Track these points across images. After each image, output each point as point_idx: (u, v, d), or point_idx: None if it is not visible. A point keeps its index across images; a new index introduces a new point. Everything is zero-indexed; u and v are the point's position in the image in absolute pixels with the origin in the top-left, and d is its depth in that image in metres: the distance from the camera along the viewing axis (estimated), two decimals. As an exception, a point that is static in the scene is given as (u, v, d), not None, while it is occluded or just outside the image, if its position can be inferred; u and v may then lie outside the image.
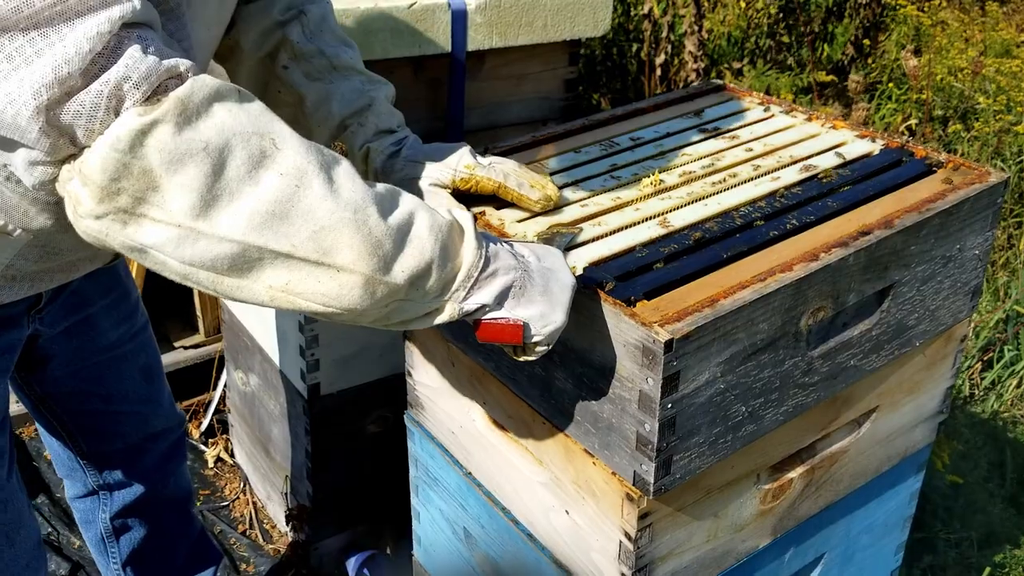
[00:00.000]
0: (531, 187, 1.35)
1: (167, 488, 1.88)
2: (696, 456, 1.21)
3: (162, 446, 1.82)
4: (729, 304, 1.14)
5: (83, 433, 1.72)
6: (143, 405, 1.75)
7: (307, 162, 0.96)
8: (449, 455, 1.60)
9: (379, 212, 1.00)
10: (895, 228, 1.29)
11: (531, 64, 2.14)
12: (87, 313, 1.57)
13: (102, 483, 1.79)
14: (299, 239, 0.96)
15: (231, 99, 0.95)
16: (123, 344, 1.66)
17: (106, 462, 1.76)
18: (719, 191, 1.42)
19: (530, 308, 1.09)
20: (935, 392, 1.58)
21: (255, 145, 0.94)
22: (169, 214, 0.92)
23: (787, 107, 1.70)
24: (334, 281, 0.98)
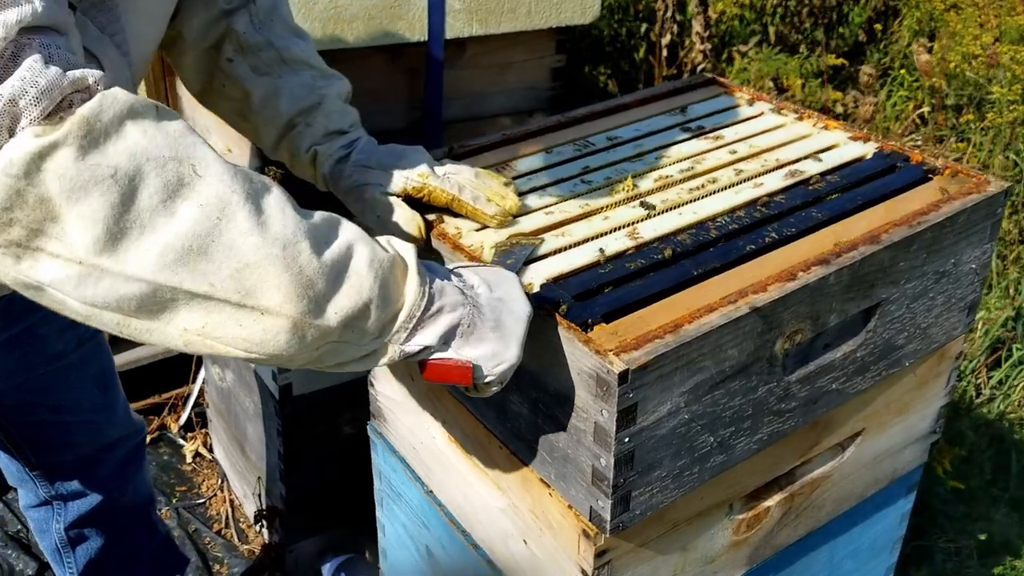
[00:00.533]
0: (488, 200, 1.25)
1: (125, 496, 1.80)
2: (658, 491, 1.12)
3: (118, 454, 1.74)
4: (694, 330, 1.04)
5: (30, 444, 1.63)
6: (96, 414, 1.67)
7: (231, 191, 0.86)
8: (411, 471, 1.52)
9: (312, 247, 0.89)
10: (882, 244, 1.19)
11: (515, 52, 2.04)
12: (27, 323, 1.48)
13: (54, 493, 1.72)
14: (219, 278, 0.85)
15: (147, 117, 0.84)
16: (70, 353, 1.57)
17: (57, 473, 1.69)
18: (696, 198, 1.32)
19: (480, 347, 1.00)
20: (926, 412, 1.48)
21: (172, 172, 0.83)
22: (70, 249, 0.82)
23: (777, 104, 1.60)
24: (258, 325, 0.88)
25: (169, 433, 2.74)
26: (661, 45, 4.63)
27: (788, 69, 4.02)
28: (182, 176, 0.84)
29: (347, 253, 0.93)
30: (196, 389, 2.73)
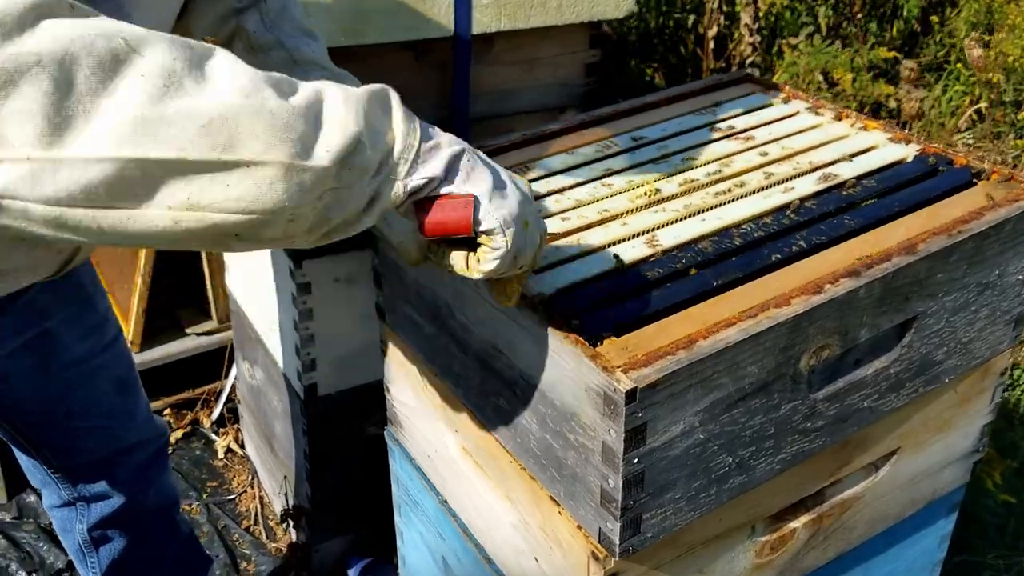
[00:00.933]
0: None
1: (148, 499, 1.79)
2: (672, 513, 1.06)
3: (137, 459, 1.73)
4: (709, 346, 0.98)
5: (48, 448, 1.63)
6: (112, 420, 1.65)
7: (172, 58, 0.78)
8: (426, 479, 1.48)
9: (277, 94, 0.82)
10: (918, 254, 1.12)
11: (545, 47, 1.98)
12: (44, 327, 1.46)
13: (77, 495, 1.71)
14: (186, 139, 0.77)
15: (61, 14, 0.76)
16: (93, 358, 1.57)
17: (77, 475, 1.68)
18: (721, 203, 1.25)
19: (482, 182, 0.92)
20: (969, 430, 1.40)
21: (102, 48, 0.76)
22: (11, 149, 0.75)
23: (815, 103, 1.52)
24: (247, 179, 0.80)
25: (202, 428, 2.74)
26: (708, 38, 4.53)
27: (838, 63, 3.89)
28: (116, 51, 0.77)
29: (317, 95, 0.85)
30: (228, 384, 2.73)
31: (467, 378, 1.23)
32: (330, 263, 1.90)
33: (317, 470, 2.15)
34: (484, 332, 1.15)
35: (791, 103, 1.53)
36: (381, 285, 1.39)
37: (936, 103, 3.82)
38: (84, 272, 1.55)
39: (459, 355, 1.22)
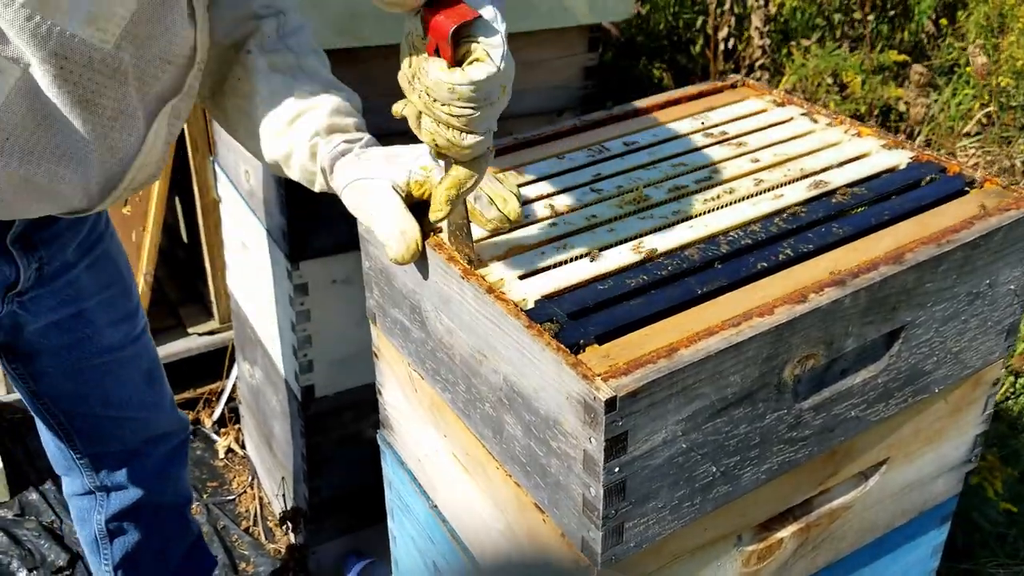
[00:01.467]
0: (489, 203, 1.20)
1: (165, 494, 1.82)
2: (655, 522, 1.06)
3: (162, 450, 1.76)
4: (690, 355, 0.98)
5: (80, 434, 1.68)
6: (145, 410, 1.70)
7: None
8: (417, 484, 1.48)
9: None
10: (906, 264, 1.11)
11: (543, 51, 1.98)
12: (81, 307, 1.52)
13: (99, 484, 1.75)
14: None
15: None
16: (125, 347, 1.61)
17: (103, 463, 1.73)
18: (710, 210, 1.25)
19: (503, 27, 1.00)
20: (960, 441, 1.39)
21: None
22: None
23: (809, 109, 1.51)
24: None
25: (203, 428, 2.76)
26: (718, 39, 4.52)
27: (847, 65, 3.87)
28: None
29: None
30: (230, 384, 2.74)
31: (454, 383, 1.23)
32: (327, 264, 1.91)
33: (314, 472, 2.16)
34: (470, 337, 1.15)
35: (785, 108, 1.52)
36: (372, 289, 1.39)
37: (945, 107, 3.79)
38: (120, 258, 1.59)
39: (446, 360, 1.22)
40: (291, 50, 1.34)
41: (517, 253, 1.18)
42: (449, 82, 0.99)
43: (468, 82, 0.99)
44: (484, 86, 0.99)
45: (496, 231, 1.19)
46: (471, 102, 1.00)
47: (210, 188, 2.53)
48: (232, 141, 1.96)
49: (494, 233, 1.20)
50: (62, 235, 1.43)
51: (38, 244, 1.39)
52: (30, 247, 1.38)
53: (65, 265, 1.47)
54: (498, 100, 1.03)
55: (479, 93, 1.00)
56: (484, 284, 1.11)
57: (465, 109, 1.01)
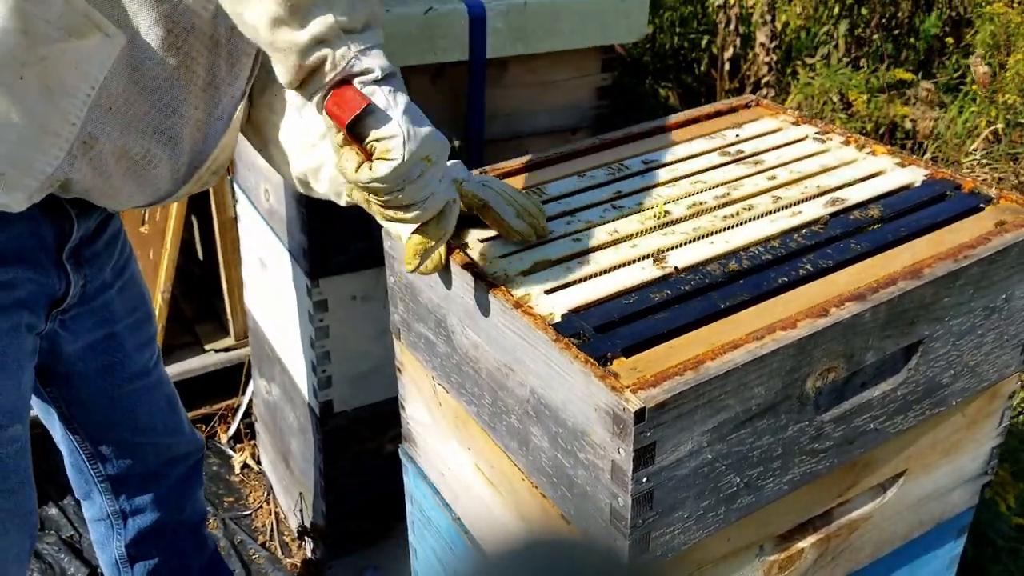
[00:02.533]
0: (517, 216, 1.23)
1: (183, 514, 1.85)
2: (680, 532, 1.08)
3: (180, 470, 1.79)
4: (716, 367, 1.00)
5: (103, 458, 1.70)
6: (168, 435, 1.73)
7: None
8: (439, 497, 1.50)
9: None
10: (923, 279, 1.13)
11: (559, 71, 2.02)
12: (113, 330, 1.55)
13: (117, 509, 1.77)
14: None
15: None
16: (150, 372, 1.65)
17: (124, 487, 1.75)
18: (730, 226, 1.28)
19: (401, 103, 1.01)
20: (977, 453, 1.41)
21: None
22: None
23: (823, 128, 1.54)
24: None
25: (219, 443, 2.78)
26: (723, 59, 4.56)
27: (852, 84, 3.91)
28: None
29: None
30: (246, 400, 2.77)
31: (480, 396, 1.25)
32: (346, 281, 1.94)
33: (331, 487, 2.18)
34: (496, 351, 1.17)
35: (800, 127, 1.55)
36: (396, 304, 1.41)
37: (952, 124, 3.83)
38: (142, 283, 1.63)
39: (472, 374, 1.25)
40: None
41: (542, 268, 1.21)
42: (360, 182, 1.02)
43: (375, 179, 1.01)
44: (392, 178, 1.01)
45: (524, 243, 1.22)
46: (390, 192, 1.03)
47: (228, 206, 2.56)
48: (253, 160, 2.00)
49: (522, 246, 1.23)
50: (101, 254, 1.46)
51: (84, 262, 1.42)
52: (80, 263, 1.41)
53: (104, 285, 1.50)
54: (426, 170, 1.04)
55: (393, 183, 1.02)
56: (511, 299, 1.13)
57: (389, 197, 1.03)
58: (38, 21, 1.11)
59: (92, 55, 1.16)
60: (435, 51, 1.82)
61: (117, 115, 1.22)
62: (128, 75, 1.20)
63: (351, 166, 1.03)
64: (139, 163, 1.27)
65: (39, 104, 1.15)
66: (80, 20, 1.13)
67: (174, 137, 1.28)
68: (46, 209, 1.29)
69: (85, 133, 1.20)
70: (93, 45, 1.15)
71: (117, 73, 1.19)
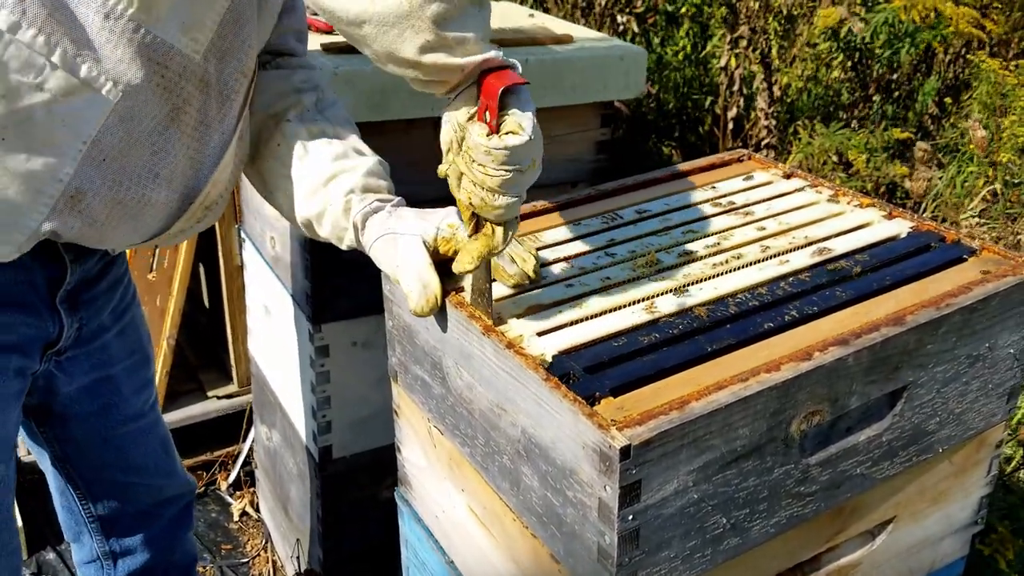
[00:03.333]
0: (511, 260, 1.27)
1: (174, 555, 1.85)
2: (667, 572, 1.10)
3: (172, 511, 1.80)
4: (701, 407, 1.03)
5: (95, 498, 1.71)
6: (160, 477, 1.74)
7: None
8: (434, 540, 1.51)
9: None
10: (906, 325, 1.16)
11: (559, 125, 2.07)
12: (109, 372, 1.57)
13: (107, 551, 1.77)
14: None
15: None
16: (145, 415, 1.67)
17: (115, 527, 1.75)
18: (719, 274, 1.31)
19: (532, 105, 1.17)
20: (967, 502, 1.42)
21: None
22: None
23: (813, 181, 1.58)
24: None
25: (218, 491, 2.78)
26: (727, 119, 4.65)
27: (852, 144, 3.98)
28: None
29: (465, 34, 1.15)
30: (246, 448, 2.78)
31: (473, 437, 1.27)
32: (348, 327, 1.97)
33: (330, 533, 2.18)
34: (489, 392, 1.20)
35: (791, 180, 1.60)
36: (394, 347, 1.45)
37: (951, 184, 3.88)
38: (143, 328, 1.66)
39: (465, 414, 1.27)
40: (328, 120, 1.43)
41: (535, 311, 1.24)
42: (486, 145, 1.11)
43: (503, 147, 1.11)
44: (516, 153, 1.11)
45: (518, 287, 1.26)
46: (504, 165, 1.11)
47: (234, 254, 2.61)
48: (259, 208, 2.05)
49: (515, 290, 1.26)
50: (99, 298, 1.49)
51: (80, 305, 1.45)
52: (75, 307, 1.43)
53: (100, 328, 1.52)
54: (528, 170, 1.14)
55: (511, 159, 1.11)
56: (504, 340, 1.17)
57: (499, 171, 1.12)
58: (21, 84, 1.11)
59: (83, 112, 1.16)
60: (439, 104, 1.87)
61: (109, 167, 1.22)
62: (121, 127, 1.20)
63: (481, 131, 1.14)
64: (130, 207, 1.29)
65: (24, 163, 1.16)
66: (67, 80, 1.14)
67: (166, 177, 1.29)
68: (37, 255, 1.30)
69: (72, 188, 1.21)
70: (83, 102, 1.16)
71: (111, 127, 1.19)
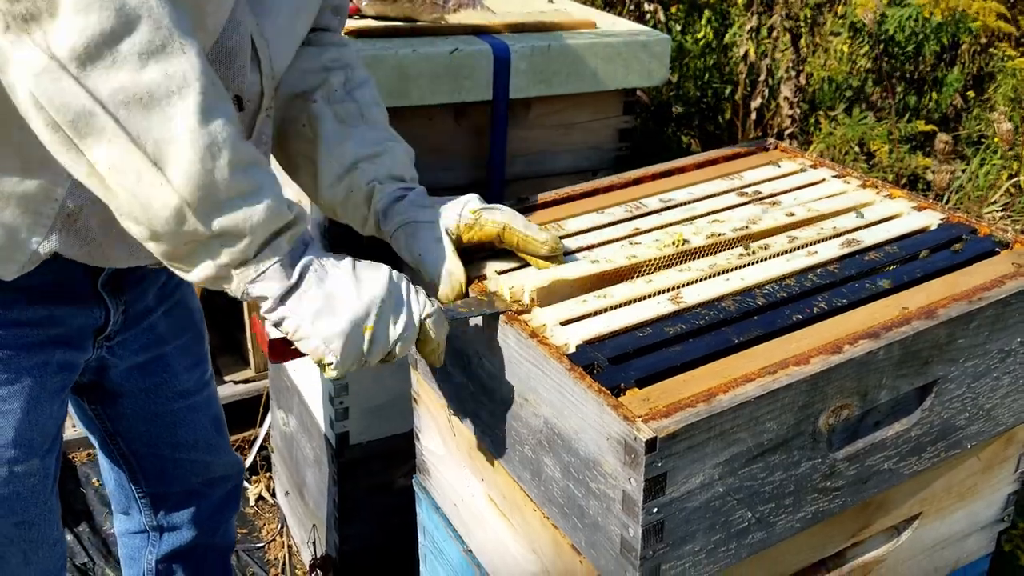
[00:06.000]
0: (540, 229, 1.26)
1: (215, 536, 1.86)
2: (691, 565, 1.08)
3: (219, 492, 1.80)
4: (728, 400, 1.01)
5: (146, 474, 1.72)
6: (210, 453, 1.74)
7: (197, 79, 0.96)
8: (451, 528, 1.50)
9: (233, 161, 0.99)
10: (938, 319, 1.14)
11: (581, 113, 2.05)
12: (161, 352, 1.57)
13: (155, 524, 1.79)
14: (147, 132, 0.95)
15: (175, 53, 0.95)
16: (198, 392, 1.67)
17: (163, 503, 1.77)
18: (745, 264, 1.29)
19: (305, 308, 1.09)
20: (993, 499, 1.40)
21: (163, 36, 0.94)
22: (51, 45, 0.91)
23: (841, 171, 1.56)
24: (153, 189, 0.97)
25: (234, 475, 2.79)
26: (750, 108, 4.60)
27: (874, 135, 3.93)
28: (167, 45, 0.95)
29: (257, 192, 1.03)
30: (263, 433, 2.78)
31: (494, 426, 1.26)
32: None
33: (346, 519, 2.18)
34: (511, 381, 1.19)
35: (818, 170, 1.57)
36: (414, 335, 1.43)
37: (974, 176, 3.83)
38: (194, 305, 1.66)
39: (487, 403, 1.26)
40: (356, 101, 1.41)
41: (559, 300, 1.22)
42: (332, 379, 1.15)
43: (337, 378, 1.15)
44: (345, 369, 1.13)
45: (551, 254, 1.26)
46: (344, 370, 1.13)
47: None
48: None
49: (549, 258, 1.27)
50: (144, 280, 1.49)
51: (123, 289, 1.44)
52: (118, 291, 1.43)
53: (146, 309, 1.52)
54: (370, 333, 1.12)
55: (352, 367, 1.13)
56: (527, 329, 1.15)
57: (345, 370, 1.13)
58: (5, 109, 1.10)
59: None
60: (459, 91, 1.86)
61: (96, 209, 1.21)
62: None
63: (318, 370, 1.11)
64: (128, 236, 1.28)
65: (18, 185, 1.17)
66: None
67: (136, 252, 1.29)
68: None
69: (68, 207, 1.21)
70: None
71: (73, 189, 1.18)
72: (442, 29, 1.90)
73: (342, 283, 1.11)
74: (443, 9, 1.93)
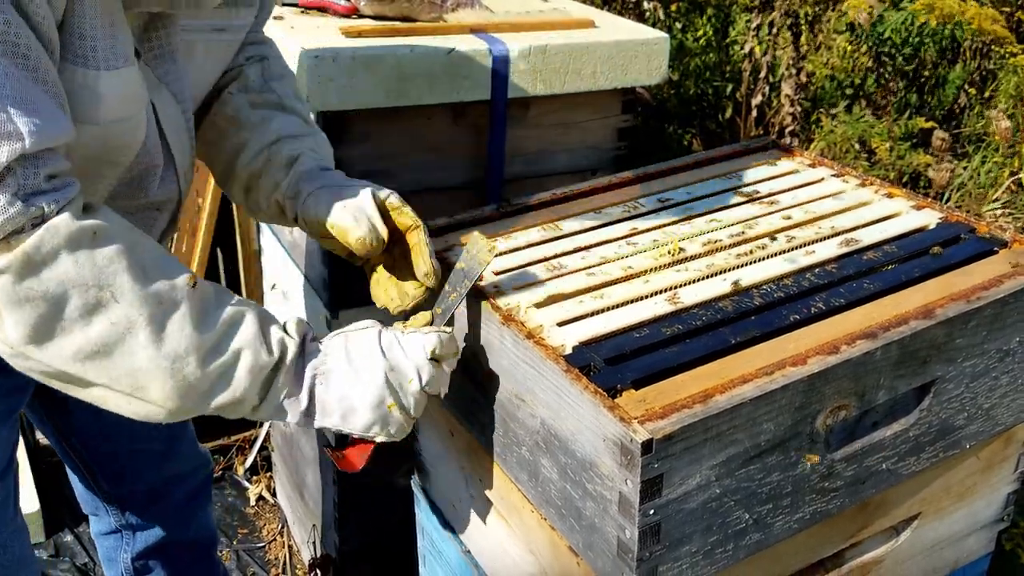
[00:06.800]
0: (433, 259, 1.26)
1: (189, 531, 1.86)
2: (688, 567, 1.08)
3: (185, 488, 1.80)
4: (724, 401, 1.01)
5: (105, 476, 1.72)
6: (167, 441, 1.74)
7: (139, 315, 1.05)
8: (450, 528, 1.50)
9: (199, 360, 1.08)
10: (935, 319, 1.14)
11: (580, 112, 2.04)
12: None
13: (125, 523, 1.79)
14: (116, 374, 1.06)
15: (82, 247, 1.01)
16: None
17: (127, 503, 1.77)
18: (743, 264, 1.29)
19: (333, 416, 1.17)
20: (992, 498, 1.39)
21: (92, 296, 1.03)
22: (5, 337, 1.03)
23: (840, 170, 1.55)
24: (143, 407, 1.10)
25: (235, 475, 2.79)
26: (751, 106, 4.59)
27: (875, 132, 3.92)
28: (100, 299, 1.04)
29: (234, 360, 1.10)
30: (263, 433, 2.78)
31: (491, 427, 1.26)
32: (365, 313, 1.94)
33: (345, 519, 2.18)
34: (508, 382, 1.19)
35: (817, 169, 1.57)
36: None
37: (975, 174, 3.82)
38: None
39: (484, 404, 1.26)
40: (275, 92, 1.42)
41: (556, 301, 1.22)
42: None
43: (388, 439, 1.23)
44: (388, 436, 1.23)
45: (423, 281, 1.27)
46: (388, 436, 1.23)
47: (252, 240, 2.60)
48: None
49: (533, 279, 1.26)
50: None
51: None
52: None
53: None
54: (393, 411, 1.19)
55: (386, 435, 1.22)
56: (524, 330, 1.15)
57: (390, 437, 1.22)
58: None
59: None
60: (458, 90, 1.85)
61: None
62: None
63: None
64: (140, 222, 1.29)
65: None
66: None
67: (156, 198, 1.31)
68: None
69: None
70: None
71: None
72: (440, 29, 1.90)
73: (347, 381, 1.16)
74: (441, 9, 1.93)
